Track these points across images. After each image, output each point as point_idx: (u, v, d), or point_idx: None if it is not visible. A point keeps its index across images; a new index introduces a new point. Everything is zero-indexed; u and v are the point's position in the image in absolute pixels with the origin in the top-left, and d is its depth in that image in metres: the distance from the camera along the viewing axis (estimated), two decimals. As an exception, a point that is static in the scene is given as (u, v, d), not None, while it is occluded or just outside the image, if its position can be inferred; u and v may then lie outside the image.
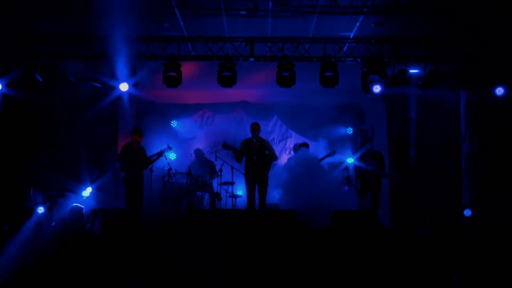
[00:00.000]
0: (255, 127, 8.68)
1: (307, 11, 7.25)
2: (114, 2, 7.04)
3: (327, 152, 10.02)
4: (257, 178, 8.50)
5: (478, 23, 7.51)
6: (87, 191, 9.50)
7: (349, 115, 11.58)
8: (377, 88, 8.31)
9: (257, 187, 8.58)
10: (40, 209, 8.02)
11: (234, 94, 11.08)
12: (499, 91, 8.28)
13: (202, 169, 10.58)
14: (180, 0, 6.97)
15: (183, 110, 11.81)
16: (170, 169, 10.33)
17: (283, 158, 11.39)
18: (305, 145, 9.92)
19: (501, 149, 8.75)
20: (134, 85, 8.40)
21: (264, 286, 6.24)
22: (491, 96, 8.53)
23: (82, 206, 7.64)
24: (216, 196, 10.02)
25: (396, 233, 8.10)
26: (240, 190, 10.59)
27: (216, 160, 10.23)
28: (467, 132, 9.08)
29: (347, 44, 8.23)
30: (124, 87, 8.35)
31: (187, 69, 8.82)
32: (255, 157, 8.47)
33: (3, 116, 8.84)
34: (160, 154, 9.58)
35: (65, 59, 8.18)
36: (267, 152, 8.66)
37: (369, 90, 8.44)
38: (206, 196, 10.40)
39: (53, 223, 7.80)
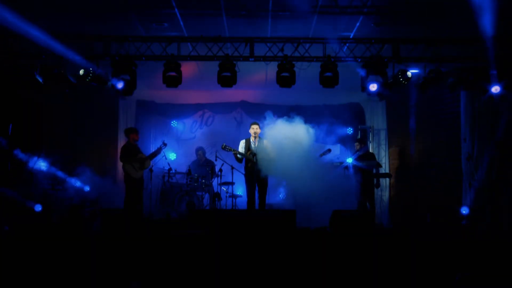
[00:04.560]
0: (255, 127, 8.65)
1: (307, 11, 7.26)
2: (115, 2, 7.07)
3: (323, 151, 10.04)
4: (257, 179, 8.48)
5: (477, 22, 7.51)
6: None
7: (349, 115, 11.59)
8: (373, 87, 8.29)
9: (257, 188, 8.57)
10: (38, 207, 8.05)
11: (234, 94, 11.11)
12: (496, 89, 8.27)
13: (202, 169, 10.59)
14: (180, 0, 6.98)
15: (183, 110, 11.82)
16: (170, 169, 10.35)
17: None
18: None
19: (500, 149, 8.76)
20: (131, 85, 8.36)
21: (264, 286, 6.24)
22: (491, 96, 8.54)
23: (82, 206, 7.65)
24: (216, 196, 10.01)
25: (396, 233, 8.10)
26: (240, 190, 10.60)
27: (216, 160, 10.22)
28: (467, 132, 9.08)
29: (347, 44, 8.23)
30: (119, 85, 8.31)
31: (187, 69, 8.83)
32: (255, 157, 8.45)
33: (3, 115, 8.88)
34: (157, 152, 9.60)
35: (65, 59, 8.17)
36: (267, 152, 8.63)
37: (368, 90, 8.45)
38: (206, 196, 10.41)
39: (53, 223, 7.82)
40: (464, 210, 8.47)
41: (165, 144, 9.65)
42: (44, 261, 6.23)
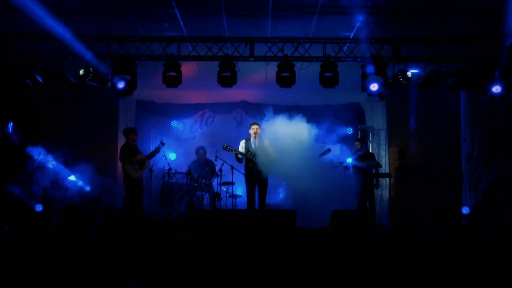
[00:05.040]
0: (255, 127, 8.65)
1: (307, 11, 7.26)
2: (115, 2, 7.07)
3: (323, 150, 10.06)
4: (257, 179, 8.49)
5: (478, 22, 7.52)
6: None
7: (349, 115, 11.59)
8: (374, 87, 8.29)
9: (257, 188, 8.57)
10: (38, 207, 8.05)
11: (234, 94, 11.11)
12: (496, 89, 8.27)
13: (202, 169, 10.59)
14: (180, 0, 6.97)
15: (183, 110, 11.83)
16: (170, 169, 10.35)
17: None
18: None
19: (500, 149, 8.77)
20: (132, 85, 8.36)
21: (264, 286, 6.24)
22: (491, 96, 8.54)
23: (82, 206, 7.64)
24: (216, 196, 10.02)
25: (396, 233, 8.10)
26: (240, 190, 10.60)
27: (216, 160, 10.23)
28: (467, 132, 9.08)
29: (347, 44, 8.23)
30: (120, 85, 8.30)
31: (187, 69, 8.82)
32: (254, 157, 8.45)
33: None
34: (156, 151, 9.61)
35: (65, 59, 8.17)
36: (267, 152, 8.63)
37: (368, 90, 8.44)
38: (206, 196, 10.40)
39: (53, 223, 7.80)
40: (465, 210, 8.46)
41: (163, 144, 9.67)
42: (44, 261, 6.23)
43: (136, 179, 9.25)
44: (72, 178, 9.76)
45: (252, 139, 8.63)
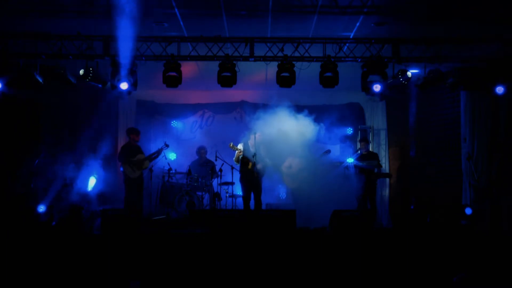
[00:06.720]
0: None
1: (307, 11, 7.26)
2: (115, 2, 7.06)
3: (323, 151, 10.06)
4: (252, 184, 8.52)
5: (478, 23, 7.52)
6: (91, 183, 9.57)
7: (349, 115, 11.58)
8: (377, 87, 8.30)
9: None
10: (41, 208, 8.06)
11: (234, 94, 11.11)
12: (499, 89, 8.27)
13: (202, 169, 10.59)
14: (180, 0, 6.97)
15: (183, 110, 11.82)
16: (170, 169, 10.34)
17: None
18: None
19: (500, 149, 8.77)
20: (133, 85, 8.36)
21: (263, 286, 6.24)
22: (491, 96, 8.54)
23: (82, 207, 7.65)
24: (216, 196, 10.02)
25: (396, 233, 8.09)
26: (240, 190, 10.59)
27: (216, 160, 10.23)
28: (467, 132, 9.08)
29: (347, 44, 8.23)
30: (124, 86, 8.31)
31: (187, 69, 8.83)
32: (255, 158, 8.47)
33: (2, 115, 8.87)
34: (159, 152, 9.62)
35: (65, 59, 8.17)
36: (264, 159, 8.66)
37: (369, 90, 8.45)
38: (206, 196, 10.40)
39: (54, 223, 7.81)
40: (468, 211, 8.46)
41: (167, 145, 9.69)
42: (44, 261, 6.23)
43: (134, 178, 9.24)
44: (92, 180, 9.77)
45: (250, 142, 8.65)
